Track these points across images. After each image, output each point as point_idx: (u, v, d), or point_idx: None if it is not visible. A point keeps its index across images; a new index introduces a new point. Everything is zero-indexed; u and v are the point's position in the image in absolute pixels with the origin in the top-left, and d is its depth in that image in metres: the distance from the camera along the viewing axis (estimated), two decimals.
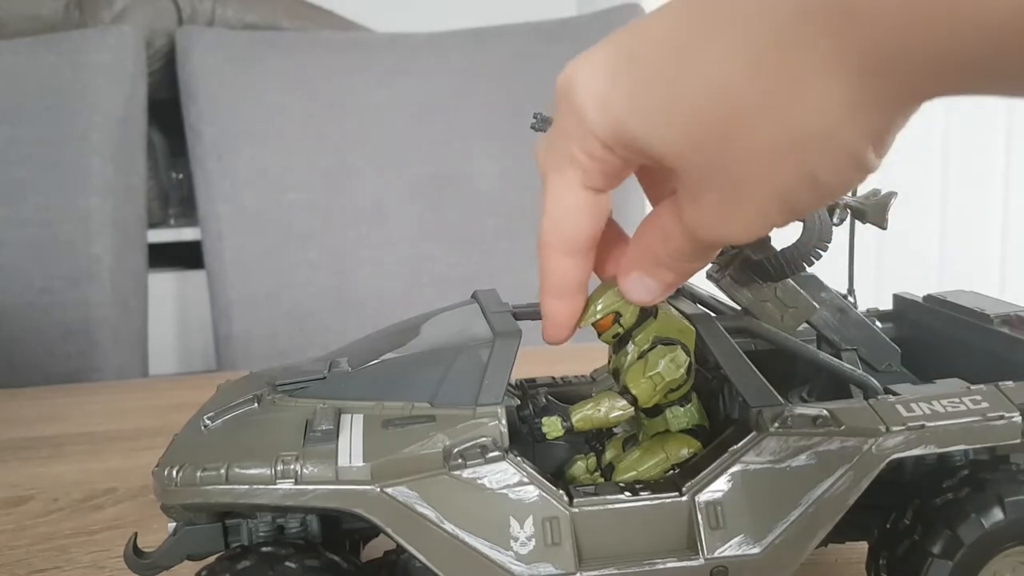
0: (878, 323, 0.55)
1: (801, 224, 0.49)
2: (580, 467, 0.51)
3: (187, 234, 1.69)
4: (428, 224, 1.52)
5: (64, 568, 0.65)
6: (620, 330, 0.48)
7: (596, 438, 0.52)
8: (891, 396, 0.48)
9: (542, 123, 0.50)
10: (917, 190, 2.11)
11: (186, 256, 1.68)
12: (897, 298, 0.60)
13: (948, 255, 2.19)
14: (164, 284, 1.69)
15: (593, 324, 0.48)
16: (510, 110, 0.46)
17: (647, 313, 0.49)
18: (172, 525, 0.48)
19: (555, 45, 1.56)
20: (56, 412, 1.01)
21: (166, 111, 1.53)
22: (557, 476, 0.50)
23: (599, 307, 0.47)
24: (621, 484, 0.46)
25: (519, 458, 0.44)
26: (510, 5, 1.68)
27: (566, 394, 0.55)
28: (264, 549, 0.44)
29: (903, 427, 0.45)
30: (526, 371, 0.59)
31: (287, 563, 0.43)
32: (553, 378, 0.60)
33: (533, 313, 0.52)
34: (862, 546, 0.52)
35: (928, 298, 0.57)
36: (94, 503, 0.76)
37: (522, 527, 0.43)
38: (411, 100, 1.52)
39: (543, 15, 1.61)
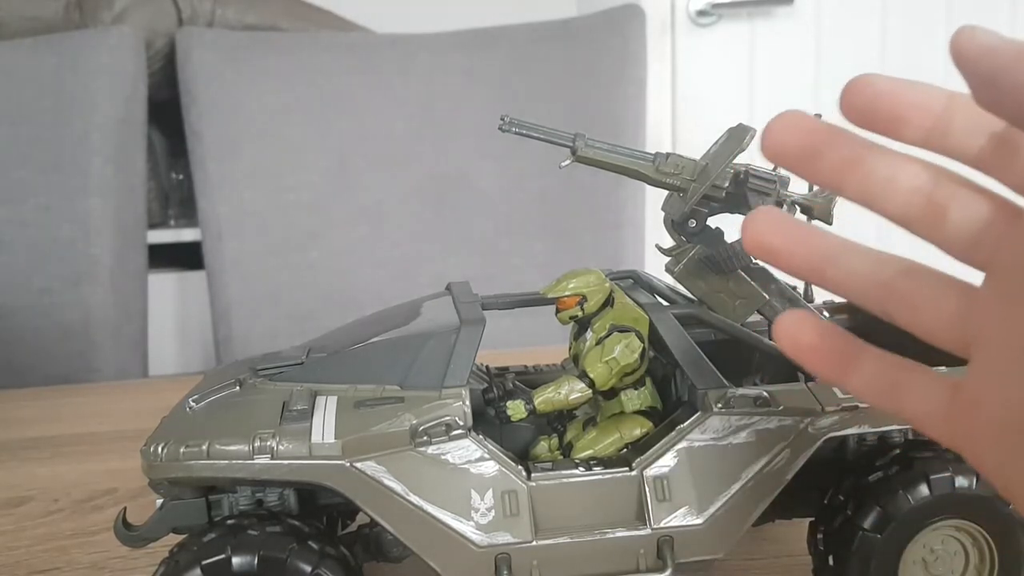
0: (826, 313, 0.58)
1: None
2: (543, 447, 0.54)
3: (187, 235, 1.69)
4: (428, 224, 1.52)
5: (64, 569, 0.65)
6: (580, 314, 0.52)
7: (559, 420, 0.55)
8: None
9: (509, 125, 0.53)
10: None
11: (186, 257, 1.68)
12: None
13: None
14: (164, 285, 1.70)
15: (557, 299, 0.52)
16: (510, 110, 0.47)
17: (606, 303, 0.52)
18: (159, 501, 0.51)
19: (555, 45, 1.57)
20: (56, 413, 1.01)
21: (166, 111, 1.54)
22: (523, 456, 0.53)
23: (571, 285, 0.52)
24: (577, 460, 0.50)
25: (480, 436, 0.48)
26: (510, 5, 1.68)
27: (536, 381, 0.58)
28: (228, 522, 0.47)
29: (837, 408, 0.48)
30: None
31: (249, 531, 0.46)
32: (525, 366, 0.63)
33: (500, 303, 0.56)
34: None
35: None
36: (94, 504, 0.76)
37: (482, 499, 0.47)
38: (411, 100, 1.52)
39: (543, 15, 1.61)
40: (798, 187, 0.54)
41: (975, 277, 0.34)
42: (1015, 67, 0.30)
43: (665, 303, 0.55)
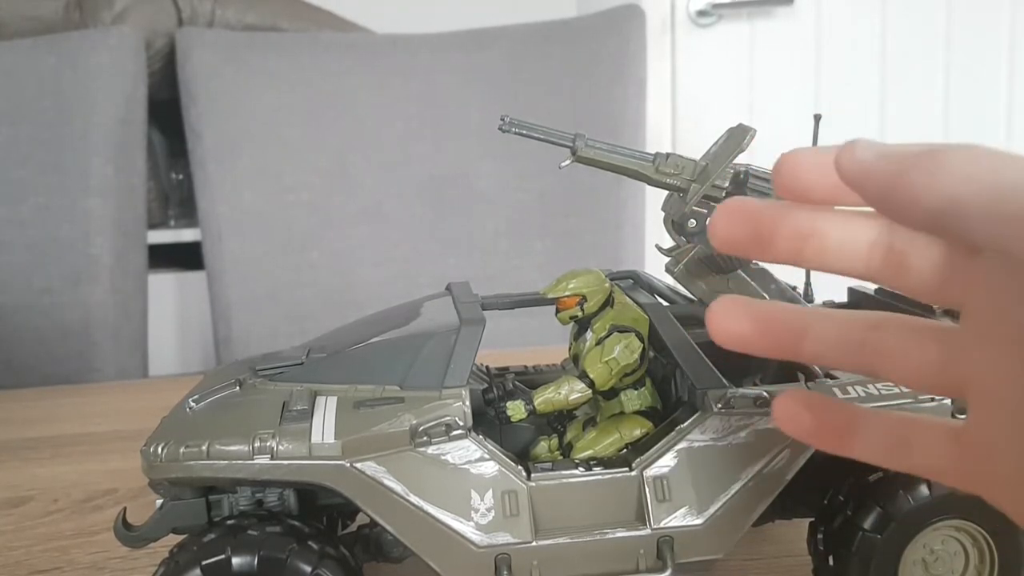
0: None
1: None
2: (543, 447, 0.54)
3: (187, 235, 1.69)
4: (428, 224, 1.52)
5: (64, 569, 0.65)
6: (580, 314, 0.52)
7: (559, 420, 0.55)
8: (829, 379, 0.51)
9: (509, 125, 0.53)
10: None
11: (186, 257, 1.68)
12: (851, 291, 0.62)
13: None
14: (164, 285, 1.70)
15: (557, 299, 0.52)
16: (510, 110, 0.47)
17: (606, 303, 0.53)
18: (159, 501, 0.51)
19: (555, 45, 1.57)
20: (56, 413, 1.01)
21: (166, 111, 1.54)
22: (523, 456, 0.53)
23: (571, 285, 0.52)
24: (577, 461, 0.50)
25: (481, 436, 0.48)
26: (510, 5, 1.69)
27: (536, 381, 0.57)
28: (228, 522, 0.47)
29: None
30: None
31: (249, 531, 0.46)
32: (525, 366, 0.63)
33: (500, 303, 0.57)
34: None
35: (879, 291, 0.60)
36: (94, 504, 0.76)
37: (482, 499, 0.47)
38: (411, 100, 1.52)
39: (543, 15, 1.61)
40: None
41: None
42: (899, 185, 0.29)
43: (665, 303, 0.55)
